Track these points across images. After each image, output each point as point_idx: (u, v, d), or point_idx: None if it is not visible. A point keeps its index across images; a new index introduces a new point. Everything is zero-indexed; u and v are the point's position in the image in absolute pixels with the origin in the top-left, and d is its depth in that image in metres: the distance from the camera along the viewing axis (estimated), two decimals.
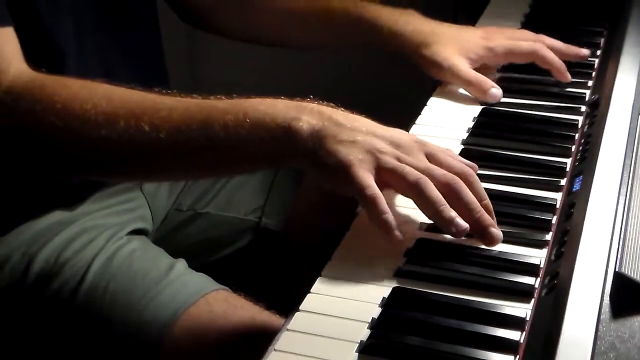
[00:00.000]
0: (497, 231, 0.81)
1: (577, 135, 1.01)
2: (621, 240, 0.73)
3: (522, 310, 0.72)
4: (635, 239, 0.73)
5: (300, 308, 0.74)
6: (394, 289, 0.76)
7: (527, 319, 0.71)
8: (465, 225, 0.79)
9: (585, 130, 1.01)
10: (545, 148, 0.99)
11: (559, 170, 0.94)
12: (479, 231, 0.81)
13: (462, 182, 0.82)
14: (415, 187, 0.80)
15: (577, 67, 1.18)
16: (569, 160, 0.97)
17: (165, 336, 0.93)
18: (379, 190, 0.80)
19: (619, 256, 0.71)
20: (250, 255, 1.18)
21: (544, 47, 1.15)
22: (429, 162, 0.84)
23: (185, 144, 0.84)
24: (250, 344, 0.93)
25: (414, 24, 1.15)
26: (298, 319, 0.73)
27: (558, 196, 0.89)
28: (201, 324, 0.94)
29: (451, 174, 0.82)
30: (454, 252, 0.79)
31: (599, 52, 1.23)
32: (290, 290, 0.77)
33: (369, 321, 0.72)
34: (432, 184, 0.81)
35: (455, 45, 1.13)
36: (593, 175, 0.84)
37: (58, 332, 0.96)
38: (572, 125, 1.04)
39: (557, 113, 1.07)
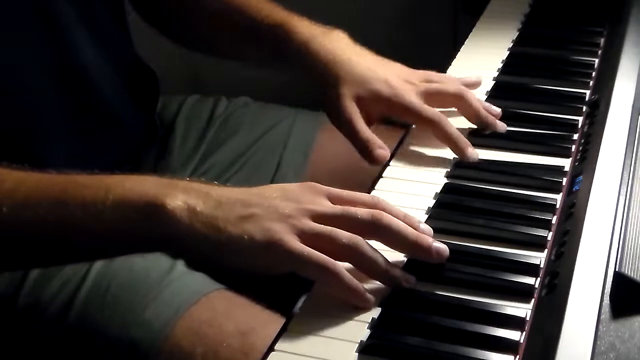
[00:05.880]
0: (439, 245, 0.77)
1: (577, 135, 1.01)
2: (621, 240, 0.73)
3: (522, 310, 0.72)
4: (635, 239, 0.73)
5: (300, 308, 0.74)
6: (393, 289, 0.76)
7: (527, 319, 0.72)
8: (408, 277, 0.76)
9: (585, 130, 1.01)
10: (545, 148, 0.99)
11: (559, 171, 0.94)
12: (423, 252, 0.77)
13: (383, 212, 0.77)
14: (352, 250, 0.74)
15: (577, 67, 1.18)
16: (569, 161, 0.97)
17: (166, 335, 0.93)
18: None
19: (619, 256, 0.71)
20: None
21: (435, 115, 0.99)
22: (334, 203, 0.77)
23: (33, 221, 0.75)
24: (251, 344, 0.93)
25: (333, 45, 1.01)
26: (298, 319, 0.73)
27: (558, 196, 0.89)
28: (202, 323, 0.94)
29: (367, 210, 0.76)
30: (454, 252, 0.79)
31: (599, 52, 1.23)
32: (290, 290, 0.77)
33: (369, 321, 0.72)
34: (365, 244, 0.75)
35: (359, 86, 0.99)
36: (593, 175, 0.84)
37: (59, 332, 0.96)
38: (572, 125, 1.04)
39: (557, 113, 1.07)
